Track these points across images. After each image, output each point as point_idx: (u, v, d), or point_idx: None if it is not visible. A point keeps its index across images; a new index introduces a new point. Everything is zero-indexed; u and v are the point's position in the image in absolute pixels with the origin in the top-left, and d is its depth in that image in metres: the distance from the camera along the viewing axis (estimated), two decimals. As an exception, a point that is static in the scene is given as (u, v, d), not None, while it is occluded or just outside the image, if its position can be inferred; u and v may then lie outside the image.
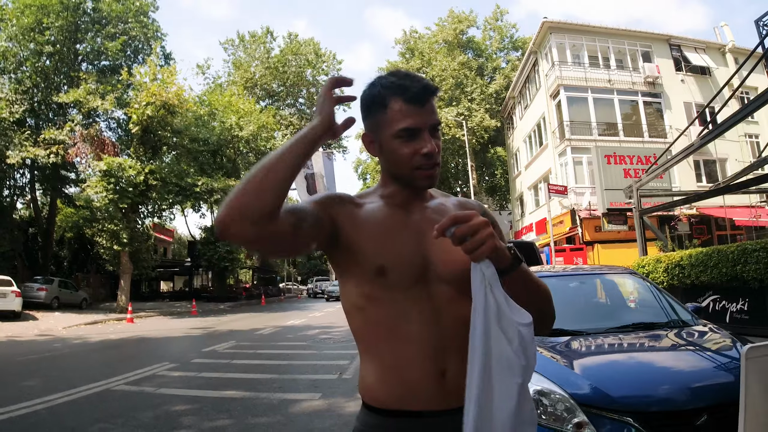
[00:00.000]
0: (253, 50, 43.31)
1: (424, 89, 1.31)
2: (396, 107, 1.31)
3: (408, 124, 1.30)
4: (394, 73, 1.37)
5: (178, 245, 59.73)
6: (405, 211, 1.40)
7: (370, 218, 1.36)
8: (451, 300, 1.31)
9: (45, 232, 31.21)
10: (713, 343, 3.72)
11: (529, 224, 29.78)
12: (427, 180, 1.34)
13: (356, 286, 1.33)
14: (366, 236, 1.32)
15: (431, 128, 1.32)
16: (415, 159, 1.31)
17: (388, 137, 1.34)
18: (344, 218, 1.33)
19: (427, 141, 1.30)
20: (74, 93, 24.36)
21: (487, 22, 40.09)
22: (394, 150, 1.33)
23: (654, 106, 25.69)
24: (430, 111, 1.32)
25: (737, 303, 9.45)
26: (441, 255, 1.33)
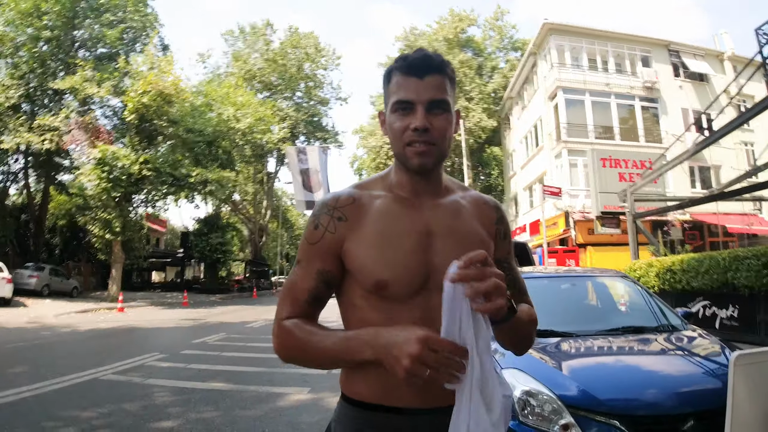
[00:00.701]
0: (253, 42, 43.18)
1: (422, 60, 1.24)
2: (395, 80, 1.27)
3: (400, 96, 1.24)
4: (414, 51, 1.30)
5: (171, 236, 59.55)
6: (413, 209, 1.31)
7: (373, 224, 1.27)
8: None
9: (37, 219, 31.06)
10: (702, 348, 3.73)
11: (522, 225, 29.83)
12: (417, 157, 1.24)
13: (357, 291, 1.27)
14: (367, 247, 1.25)
15: (429, 104, 1.22)
16: (407, 134, 1.23)
17: (388, 112, 1.29)
18: (349, 240, 1.26)
19: (419, 115, 1.21)
20: (71, 80, 24.21)
21: (487, 22, 40.11)
22: (390, 125, 1.27)
23: (651, 111, 25.76)
24: (429, 86, 1.23)
25: (727, 309, 9.50)
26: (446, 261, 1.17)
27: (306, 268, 1.29)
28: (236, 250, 43.27)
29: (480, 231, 1.35)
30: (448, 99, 1.25)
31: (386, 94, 1.31)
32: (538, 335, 3.76)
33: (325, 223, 1.28)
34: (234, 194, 42.52)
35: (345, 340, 1.17)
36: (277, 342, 1.26)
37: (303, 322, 1.25)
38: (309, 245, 1.29)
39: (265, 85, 43.25)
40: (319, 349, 1.19)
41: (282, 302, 1.30)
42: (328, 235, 1.27)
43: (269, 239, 56.16)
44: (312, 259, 1.28)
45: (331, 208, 1.29)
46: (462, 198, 1.39)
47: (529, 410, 2.81)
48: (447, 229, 1.30)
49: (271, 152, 40.54)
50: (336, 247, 1.26)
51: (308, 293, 1.27)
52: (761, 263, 8.59)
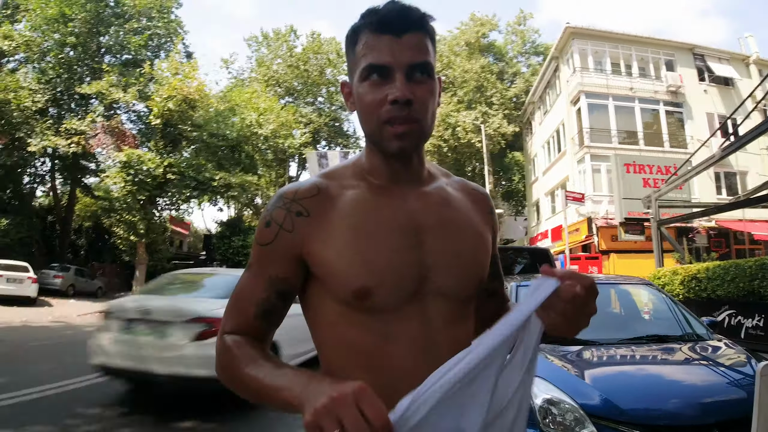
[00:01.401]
0: (277, 48, 43.48)
1: (399, 14, 0.99)
2: (363, 39, 1.00)
3: (374, 60, 0.97)
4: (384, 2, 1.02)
5: (194, 238, 60.06)
6: (394, 199, 1.06)
7: (346, 219, 1.01)
8: (448, 320, 1.03)
9: (63, 221, 31.57)
10: (727, 358, 3.68)
11: (544, 231, 29.59)
12: (397, 140, 0.99)
13: (329, 303, 1.02)
14: (341, 247, 0.99)
15: (409, 69, 0.98)
16: (384, 110, 0.98)
17: (357, 82, 1.02)
18: (314, 239, 1.00)
19: (399, 84, 0.96)
20: (97, 85, 24.65)
21: (509, 26, 39.94)
22: (361, 98, 1.01)
23: (675, 116, 25.41)
24: (409, 46, 0.98)
25: (753, 319, 9.32)
26: (445, 261, 1.04)
27: (256, 274, 1.05)
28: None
29: (475, 222, 1.14)
30: (432, 62, 1.01)
31: (352, 59, 1.04)
32: (560, 343, 3.75)
33: (279, 220, 1.02)
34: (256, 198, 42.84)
35: (275, 377, 0.90)
36: (216, 360, 1.04)
37: (245, 341, 1.01)
38: (260, 247, 1.04)
39: (287, 90, 43.51)
40: (250, 378, 0.93)
41: (227, 313, 1.07)
42: (283, 235, 1.01)
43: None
44: (264, 264, 1.04)
45: (288, 201, 1.03)
46: (448, 185, 1.17)
47: (550, 419, 2.79)
48: (438, 221, 1.07)
49: (293, 157, 40.74)
50: (294, 249, 1.01)
51: (256, 306, 1.03)
52: (789, 272, 8.43)
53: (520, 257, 10.31)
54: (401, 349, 0.98)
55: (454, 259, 1.05)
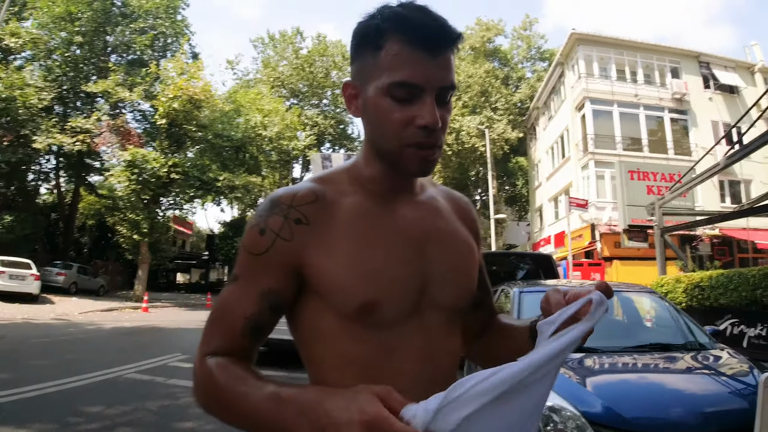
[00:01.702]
0: (282, 49, 43.59)
1: (441, 31, 0.92)
2: (394, 49, 0.92)
3: (407, 77, 0.90)
4: (406, 4, 0.94)
5: (197, 238, 60.23)
6: (394, 208, 1.02)
7: (348, 228, 0.96)
8: (444, 332, 1.02)
9: (67, 218, 31.66)
10: (730, 368, 3.66)
11: (547, 236, 29.56)
12: (421, 164, 0.95)
13: (326, 317, 0.95)
14: (344, 259, 0.94)
15: (440, 93, 0.93)
16: (408, 131, 0.92)
17: (376, 92, 0.94)
18: (313, 249, 0.94)
19: (430, 108, 0.91)
20: (103, 83, 24.74)
21: (515, 32, 39.97)
22: (382, 112, 0.94)
23: (680, 123, 25.39)
24: (443, 67, 0.92)
25: (756, 328, 9.29)
26: (444, 273, 1.02)
27: (246, 286, 0.95)
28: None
29: (465, 232, 1.13)
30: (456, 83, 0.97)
31: (370, 63, 0.95)
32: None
33: (276, 228, 0.94)
34: (260, 199, 42.90)
35: (278, 402, 0.81)
36: (196, 383, 0.93)
37: (232, 362, 0.91)
38: (252, 257, 0.95)
39: (292, 92, 43.60)
40: (243, 406, 0.84)
41: (209, 331, 0.97)
42: (280, 244, 0.94)
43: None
44: (256, 275, 0.95)
45: (285, 207, 0.96)
46: (437, 194, 1.15)
47: (552, 427, 2.78)
48: (436, 231, 1.05)
49: (297, 158, 40.81)
50: (292, 260, 0.94)
51: (246, 321, 0.93)
52: (792, 281, 8.41)
53: (523, 263, 10.29)
54: (404, 362, 0.95)
55: (450, 272, 1.03)
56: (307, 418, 0.75)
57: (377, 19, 0.94)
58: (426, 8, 0.94)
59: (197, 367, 0.93)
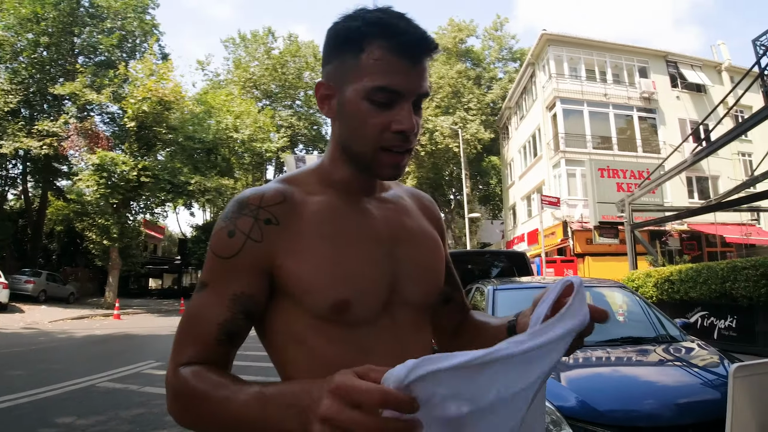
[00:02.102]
0: (254, 50, 43.30)
1: (421, 40, 0.94)
2: (376, 54, 0.92)
3: (388, 83, 0.91)
4: (385, 10, 0.95)
5: (169, 242, 59.47)
6: (363, 207, 1.03)
7: (318, 227, 0.95)
8: (415, 327, 1.03)
9: (35, 225, 31.00)
10: (701, 359, 3.73)
11: (521, 234, 29.82)
12: (393, 169, 0.96)
13: (298, 318, 0.94)
14: (316, 258, 0.93)
15: (416, 100, 0.94)
16: (385, 135, 0.93)
17: (354, 95, 0.94)
18: (284, 250, 0.93)
19: (408, 114, 0.92)
20: (70, 85, 24.26)
21: (486, 32, 40.23)
22: (360, 115, 0.94)
23: (649, 122, 25.84)
24: (421, 75, 0.94)
25: (725, 320, 9.49)
26: (412, 270, 1.02)
27: (216, 292, 0.92)
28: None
29: (431, 229, 1.14)
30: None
31: (349, 64, 0.95)
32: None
33: (245, 229, 0.92)
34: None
35: (263, 401, 0.77)
36: (171, 395, 0.88)
37: (207, 369, 0.87)
38: (221, 260, 0.93)
39: (265, 92, 43.33)
40: (226, 412, 0.80)
41: (180, 341, 0.92)
42: (251, 245, 0.92)
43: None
44: (226, 279, 0.92)
45: (254, 208, 0.94)
46: (401, 191, 1.16)
47: (527, 421, 2.80)
48: (403, 230, 1.06)
49: (270, 160, 40.56)
50: (263, 261, 0.92)
51: (219, 328, 0.90)
52: (759, 273, 8.59)
53: (497, 261, 10.33)
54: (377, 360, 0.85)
55: (419, 269, 1.04)
56: (295, 409, 0.72)
57: (359, 22, 0.94)
58: (407, 16, 0.95)
59: (170, 378, 0.88)
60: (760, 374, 2.36)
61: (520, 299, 4.93)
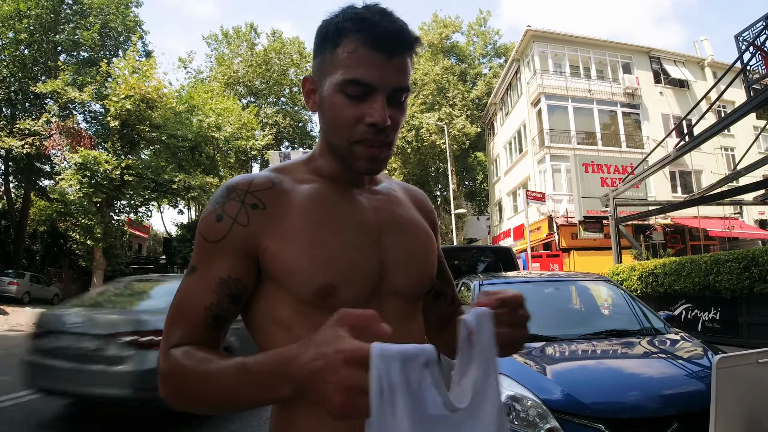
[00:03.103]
0: (236, 46, 43.00)
1: (397, 34, 0.94)
2: (350, 47, 0.93)
3: (360, 76, 0.92)
4: (370, 6, 0.96)
5: (154, 242, 59.01)
6: (352, 196, 1.04)
7: (305, 213, 0.96)
8: (404, 317, 1.02)
9: (17, 225, 30.60)
10: (685, 351, 3.75)
11: (507, 230, 29.94)
12: (369, 162, 0.97)
13: (285, 303, 0.94)
14: (302, 243, 0.93)
15: (393, 93, 0.94)
16: (358, 128, 0.94)
17: (330, 87, 0.96)
18: (270, 233, 0.94)
19: (380, 107, 0.92)
20: (52, 83, 23.96)
21: (471, 28, 40.27)
22: (334, 108, 0.96)
23: (632, 117, 26.02)
24: (397, 69, 0.94)
25: (709, 312, 9.59)
26: (400, 260, 1.02)
27: (204, 276, 0.93)
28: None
29: (423, 222, 1.14)
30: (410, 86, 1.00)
31: (328, 59, 0.97)
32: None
33: (232, 213, 0.94)
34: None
35: (245, 372, 0.78)
36: (161, 377, 0.88)
37: (196, 348, 0.88)
38: (209, 244, 0.95)
39: (249, 89, 43.08)
40: (213, 386, 0.81)
41: (170, 324, 0.93)
42: (237, 229, 0.93)
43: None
44: (213, 263, 0.93)
45: (242, 193, 0.96)
46: (392, 185, 1.18)
47: (514, 415, 2.80)
48: (393, 220, 1.06)
49: (255, 158, 40.37)
50: (250, 245, 0.93)
51: (206, 311, 0.91)
52: (742, 266, 8.69)
53: (484, 256, 10.37)
54: None
55: (408, 258, 1.04)
56: (287, 376, 0.73)
57: (339, 17, 0.95)
58: (387, 11, 0.96)
59: (161, 360, 0.89)
60: (744, 365, 2.37)
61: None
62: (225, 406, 0.85)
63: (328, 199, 1.01)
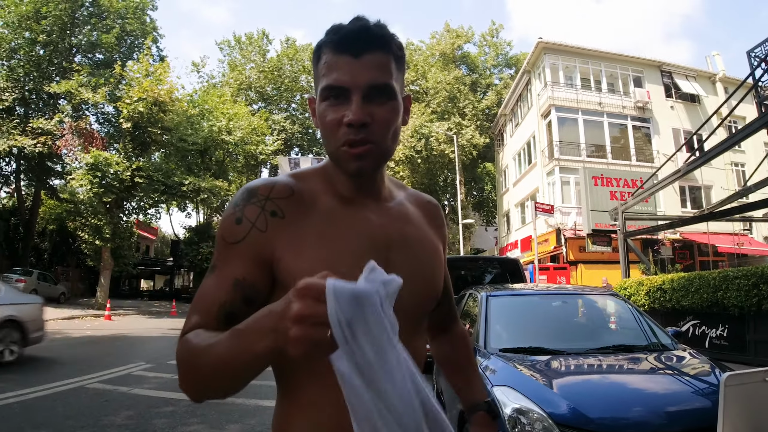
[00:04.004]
0: (249, 52, 43.26)
1: (359, 33, 0.96)
2: (324, 57, 0.98)
3: (332, 81, 0.96)
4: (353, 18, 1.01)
5: (161, 244, 59.24)
6: (362, 213, 1.05)
7: (318, 228, 0.99)
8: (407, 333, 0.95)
9: (27, 223, 30.82)
10: (692, 368, 3.73)
11: (514, 241, 29.87)
12: (355, 161, 0.98)
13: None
14: (312, 259, 0.96)
15: (368, 90, 0.95)
16: (341, 131, 0.96)
17: (318, 99, 1.01)
18: (284, 243, 0.97)
19: (354, 106, 0.94)
20: (66, 84, 24.18)
21: (483, 38, 40.35)
22: (321, 116, 0.99)
23: (643, 131, 25.95)
24: (368, 66, 0.96)
25: (717, 329, 9.52)
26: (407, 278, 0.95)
27: (221, 275, 0.97)
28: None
29: (432, 237, 1.16)
30: (393, 83, 0.99)
31: (315, 76, 1.03)
32: (529, 353, 3.78)
33: (252, 217, 0.97)
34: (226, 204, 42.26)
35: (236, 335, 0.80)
36: (178, 364, 0.91)
37: (204, 330, 0.92)
38: (227, 245, 0.98)
39: (260, 95, 43.29)
40: (211, 357, 0.83)
41: (189, 316, 0.98)
42: (255, 234, 0.96)
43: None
44: (230, 263, 0.97)
45: (262, 198, 0.99)
46: (405, 199, 1.18)
47: (519, 428, 2.80)
48: (402, 238, 1.08)
49: (265, 163, 40.50)
50: (265, 251, 0.96)
51: (219, 307, 0.94)
52: (751, 283, 8.63)
53: (491, 267, 10.37)
54: None
55: (415, 277, 1.03)
56: (265, 331, 0.74)
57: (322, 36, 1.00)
58: (359, 17, 1.00)
59: (178, 347, 0.91)
60: (752, 383, 2.36)
61: (512, 306, 4.94)
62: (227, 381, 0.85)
63: (339, 215, 1.02)
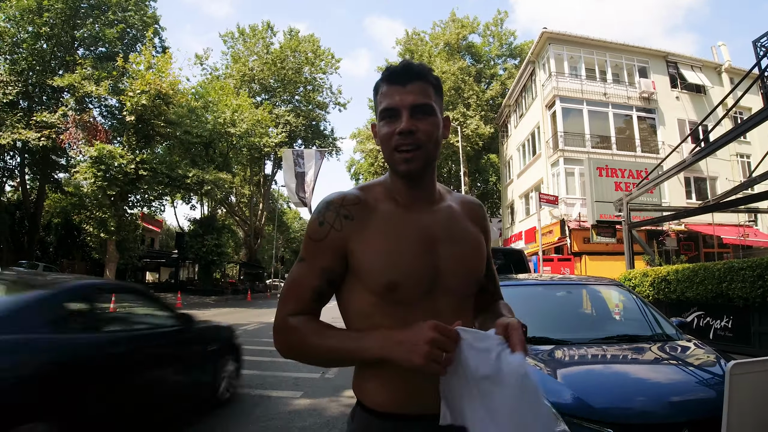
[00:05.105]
0: (252, 44, 43.09)
1: (404, 69, 1.32)
2: (381, 90, 1.34)
3: (386, 104, 1.31)
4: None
5: (166, 236, 59.36)
6: (415, 214, 1.35)
7: (380, 227, 1.31)
8: (455, 311, 1.31)
9: (32, 217, 30.94)
10: (696, 358, 3.71)
11: (518, 232, 29.85)
12: (404, 163, 1.30)
13: (363, 295, 1.30)
14: (376, 250, 1.28)
15: (413, 109, 1.28)
16: (394, 139, 1.29)
17: (378, 122, 1.35)
18: (355, 239, 1.29)
19: (404, 120, 1.27)
20: (69, 77, 24.22)
21: (487, 28, 40.12)
22: (381, 132, 1.33)
23: (648, 122, 25.83)
24: (411, 91, 1.29)
25: (721, 320, 9.49)
26: (451, 265, 1.32)
27: (310, 265, 1.31)
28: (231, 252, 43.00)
29: (475, 231, 1.44)
30: (432, 103, 1.31)
31: (376, 105, 1.37)
32: (533, 342, 3.77)
33: (330, 221, 1.31)
34: (230, 196, 42.32)
35: (351, 339, 1.22)
36: (281, 338, 1.31)
37: (308, 319, 1.29)
38: (313, 242, 1.32)
39: (263, 87, 43.17)
40: (324, 347, 1.23)
41: (285, 299, 1.32)
42: (333, 233, 1.30)
43: (264, 242, 55.88)
44: (316, 256, 1.31)
45: (337, 206, 1.32)
46: (452, 201, 1.46)
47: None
48: (448, 234, 1.36)
49: (269, 155, 40.44)
50: (341, 246, 1.29)
51: (312, 291, 1.30)
52: (756, 274, 8.59)
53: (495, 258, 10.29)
54: None
55: (458, 265, 1.33)
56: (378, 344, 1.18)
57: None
58: (407, 60, 1.42)
59: (280, 323, 1.31)
60: (758, 372, 2.35)
61: (516, 296, 4.93)
62: (324, 359, 1.27)
63: (396, 216, 1.34)
